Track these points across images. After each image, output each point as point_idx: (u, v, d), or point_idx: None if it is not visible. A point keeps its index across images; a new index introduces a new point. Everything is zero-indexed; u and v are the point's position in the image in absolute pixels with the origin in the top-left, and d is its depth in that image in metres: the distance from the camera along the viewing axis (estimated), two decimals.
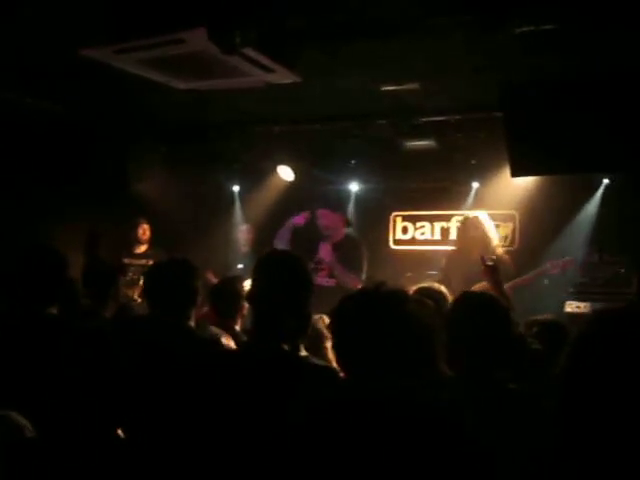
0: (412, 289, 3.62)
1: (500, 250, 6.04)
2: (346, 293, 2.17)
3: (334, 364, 2.42)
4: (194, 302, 3.44)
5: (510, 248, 7.59)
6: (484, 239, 5.97)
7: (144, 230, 7.53)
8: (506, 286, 5.62)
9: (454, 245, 6.62)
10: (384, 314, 2.00)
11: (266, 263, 2.42)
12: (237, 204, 9.05)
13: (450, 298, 3.61)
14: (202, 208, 8.51)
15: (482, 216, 6.13)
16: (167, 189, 7.83)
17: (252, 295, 2.37)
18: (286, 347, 2.24)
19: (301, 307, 2.31)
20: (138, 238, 7.50)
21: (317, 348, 3.48)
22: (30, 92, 5.97)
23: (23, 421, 1.88)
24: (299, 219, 7.06)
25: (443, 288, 3.76)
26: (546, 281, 7.07)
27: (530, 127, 5.53)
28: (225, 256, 8.06)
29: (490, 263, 4.63)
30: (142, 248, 7.52)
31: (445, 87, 5.81)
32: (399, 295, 2.07)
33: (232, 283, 4.13)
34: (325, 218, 6.92)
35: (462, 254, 6.04)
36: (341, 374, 2.25)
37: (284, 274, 2.31)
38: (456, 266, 6.10)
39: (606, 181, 7.38)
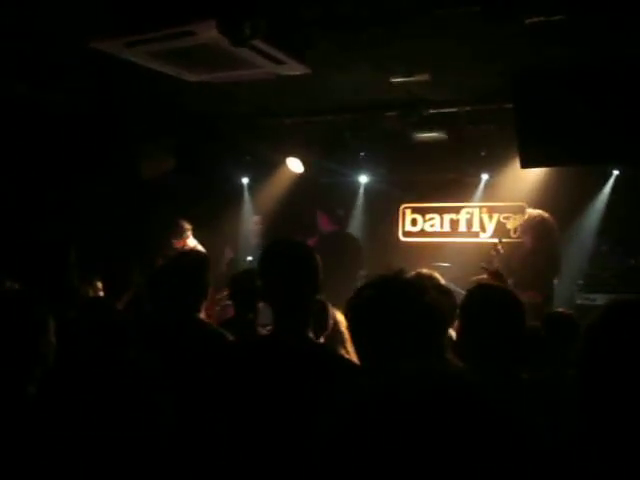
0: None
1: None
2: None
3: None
4: (204, 295, 3.44)
5: (520, 240, 7.57)
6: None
7: (184, 239, 7.46)
8: None
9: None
10: (402, 302, 2.01)
11: (272, 255, 2.37)
12: (247, 196, 9.08)
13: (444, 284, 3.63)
14: (212, 200, 8.53)
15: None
16: (177, 181, 7.86)
17: (264, 292, 2.31)
18: (310, 336, 2.22)
19: (313, 294, 2.28)
20: (184, 235, 7.42)
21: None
22: (39, 86, 5.98)
23: None
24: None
25: (435, 274, 3.74)
26: None
27: (540, 118, 5.51)
28: (235, 248, 8.07)
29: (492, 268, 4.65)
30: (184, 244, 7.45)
31: (455, 79, 5.80)
32: (418, 284, 2.07)
33: (248, 277, 4.09)
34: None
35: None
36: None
37: (291, 264, 2.28)
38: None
39: (616, 172, 7.35)
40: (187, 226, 7.36)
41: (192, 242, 7.37)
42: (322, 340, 2.88)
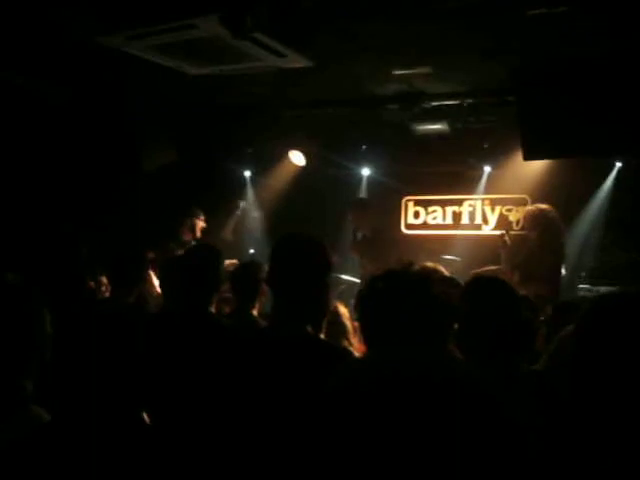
0: None
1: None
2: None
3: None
4: (216, 289, 3.44)
5: (523, 233, 7.56)
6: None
7: (198, 223, 7.43)
8: None
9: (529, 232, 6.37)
10: (412, 294, 2.03)
11: (284, 246, 2.42)
12: (249, 188, 9.08)
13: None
14: (213, 192, 8.52)
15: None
16: (178, 173, 7.85)
17: (271, 278, 2.36)
18: (308, 329, 2.25)
19: (320, 290, 2.32)
20: (194, 229, 7.39)
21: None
22: (38, 78, 5.96)
23: None
24: None
25: (440, 267, 3.75)
26: None
27: (543, 111, 5.50)
28: (237, 240, 8.07)
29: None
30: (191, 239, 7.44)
31: (457, 71, 5.78)
32: (426, 276, 2.09)
33: (251, 269, 4.09)
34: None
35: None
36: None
37: (303, 256, 2.31)
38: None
39: (619, 164, 7.34)
40: (201, 216, 7.33)
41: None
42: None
